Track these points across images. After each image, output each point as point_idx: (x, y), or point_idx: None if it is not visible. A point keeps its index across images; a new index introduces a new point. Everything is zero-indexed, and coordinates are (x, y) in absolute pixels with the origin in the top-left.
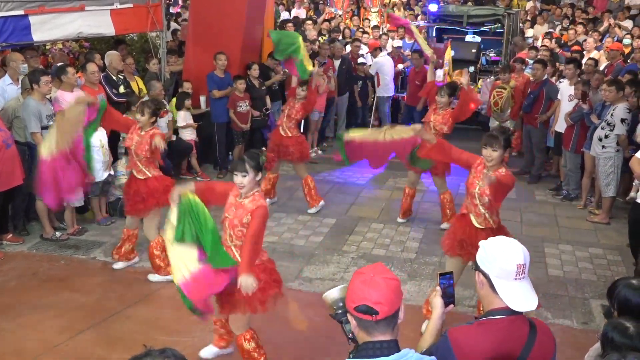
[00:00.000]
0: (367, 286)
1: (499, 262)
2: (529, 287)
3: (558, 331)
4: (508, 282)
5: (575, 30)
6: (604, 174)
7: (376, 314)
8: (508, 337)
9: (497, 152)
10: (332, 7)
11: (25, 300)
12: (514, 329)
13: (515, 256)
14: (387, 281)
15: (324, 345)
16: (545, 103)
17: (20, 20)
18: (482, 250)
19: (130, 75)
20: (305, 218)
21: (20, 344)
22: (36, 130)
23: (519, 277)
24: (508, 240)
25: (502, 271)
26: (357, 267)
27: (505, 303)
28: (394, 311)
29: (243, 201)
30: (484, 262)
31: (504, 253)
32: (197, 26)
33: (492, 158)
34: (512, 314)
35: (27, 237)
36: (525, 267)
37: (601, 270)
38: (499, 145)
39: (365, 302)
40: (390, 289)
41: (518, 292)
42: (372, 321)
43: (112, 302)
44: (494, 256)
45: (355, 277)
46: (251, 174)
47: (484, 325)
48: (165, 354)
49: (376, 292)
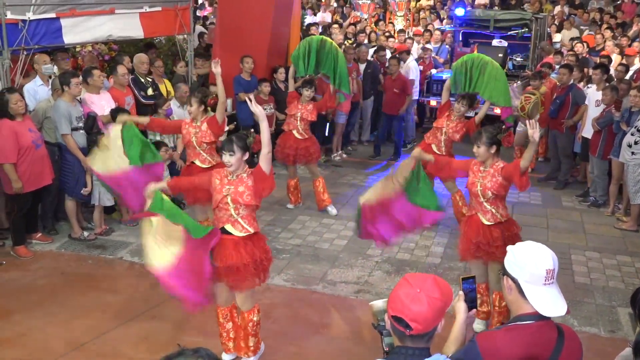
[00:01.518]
0: (409, 300)
1: (529, 267)
2: (558, 292)
3: (584, 339)
4: (537, 287)
5: (603, 35)
6: (633, 181)
7: (410, 329)
8: (537, 342)
9: (480, 148)
10: (357, 11)
11: (53, 299)
12: (542, 334)
13: (545, 261)
14: (431, 300)
15: (347, 348)
16: (571, 108)
17: (52, 23)
18: (510, 255)
19: (158, 78)
20: (330, 221)
21: (48, 342)
22: (66, 132)
23: (548, 282)
24: (537, 245)
25: (532, 276)
26: (381, 271)
27: (535, 308)
28: (430, 329)
29: (242, 175)
30: (512, 267)
31: (534, 258)
32: (224, 29)
33: (478, 154)
34: (540, 319)
35: (56, 237)
36: (555, 272)
37: (629, 278)
38: (482, 141)
39: (402, 316)
40: (431, 309)
41: (547, 298)
42: (405, 333)
43: (138, 302)
44: (524, 261)
45: (402, 283)
46: (238, 153)
47: (512, 331)
48: (199, 354)
49: (416, 309)
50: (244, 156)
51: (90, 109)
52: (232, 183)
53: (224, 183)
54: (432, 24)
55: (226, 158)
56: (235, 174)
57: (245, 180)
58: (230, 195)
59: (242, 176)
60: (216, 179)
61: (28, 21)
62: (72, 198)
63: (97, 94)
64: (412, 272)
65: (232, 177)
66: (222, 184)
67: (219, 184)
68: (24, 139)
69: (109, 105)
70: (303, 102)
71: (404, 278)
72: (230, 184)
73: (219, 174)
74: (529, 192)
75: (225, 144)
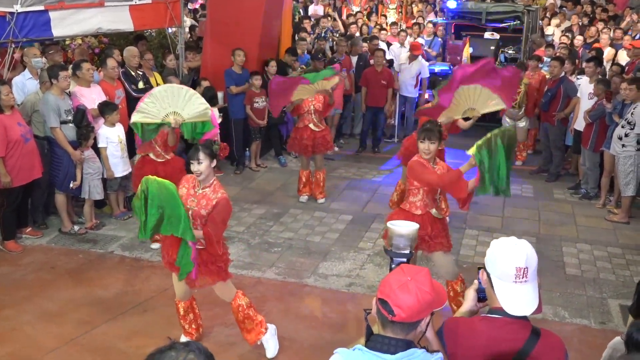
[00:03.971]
0: (397, 286)
1: (500, 263)
2: (531, 291)
3: (575, 330)
4: (507, 284)
5: (597, 28)
6: (624, 173)
7: (392, 315)
8: (502, 338)
9: (434, 144)
10: (351, 4)
11: (43, 294)
12: (510, 331)
13: (517, 259)
14: (420, 291)
15: (339, 341)
16: (562, 100)
17: (41, 16)
18: (489, 249)
19: (149, 71)
20: (322, 214)
21: (39, 336)
22: (55, 125)
23: (519, 280)
24: (514, 242)
25: (502, 273)
26: (373, 264)
27: (500, 304)
28: (413, 321)
29: (205, 191)
30: (487, 262)
31: (505, 255)
32: (214, 22)
33: (429, 150)
34: (509, 316)
35: (46, 231)
36: (528, 271)
37: (620, 270)
38: (436, 137)
39: (388, 300)
40: (418, 300)
41: (515, 296)
42: (387, 317)
43: (130, 296)
44: (496, 257)
45: (397, 271)
46: (206, 161)
47: (481, 322)
48: (189, 347)
49: (402, 297)
50: (212, 163)
51: (80, 102)
52: (197, 197)
53: (190, 194)
54: (424, 16)
55: (195, 167)
56: (203, 185)
57: (211, 198)
58: (192, 210)
59: (207, 194)
60: (184, 187)
61: (16, 14)
62: (61, 192)
63: (87, 87)
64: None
65: (198, 190)
66: (189, 194)
67: (185, 194)
68: (13, 133)
69: (100, 98)
70: (309, 95)
71: (400, 266)
72: (196, 197)
73: (187, 181)
74: (520, 185)
75: (193, 153)
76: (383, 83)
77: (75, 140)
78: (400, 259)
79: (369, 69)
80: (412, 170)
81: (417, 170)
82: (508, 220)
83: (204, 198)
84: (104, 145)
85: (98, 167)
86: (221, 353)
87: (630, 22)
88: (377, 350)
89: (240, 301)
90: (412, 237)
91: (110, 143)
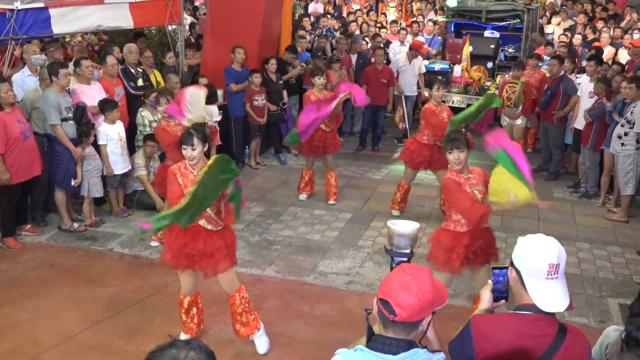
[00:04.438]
0: (398, 286)
1: (531, 260)
2: (562, 287)
3: None
4: (539, 281)
5: (596, 27)
6: (623, 172)
7: (394, 315)
8: (531, 334)
9: (463, 152)
10: (351, 2)
11: (43, 291)
12: (539, 327)
13: (549, 255)
14: (421, 290)
15: (339, 339)
16: (562, 99)
17: (41, 13)
18: (517, 246)
19: (148, 69)
20: (321, 212)
21: (38, 334)
22: (56, 122)
23: (551, 277)
24: (544, 239)
25: (534, 270)
26: (372, 262)
27: (533, 301)
28: (414, 320)
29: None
30: (517, 259)
31: (537, 251)
32: (214, 20)
33: (459, 160)
34: (539, 312)
35: (45, 228)
36: (559, 267)
37: (619, 269)
38: (464, 145)
39: (389, 300)
40: (419, 299)
41: (548, 292)
42: (388, 318)
43: (129, 293)
44: (527, 254)
45: (397, 270)
46: (199, 146)
47: (509, 318)
48: (190, 345)
49: (403, 296)
50: (204, 147)
51: (80, 99)
52: None
53: (191, 179)
54: (424, 15)
55: (189, 152)
56: (199, 167)
57: None
58: None
59: None
60: (179, 177)
61: (16, 11)
62: (61, 189)
63: (87, 85)
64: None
65: (198, 172)
66: (189, 180)
67: (188, 181)
68: (13, 130)
69: (100, 95)
70: (319, 93)
71: (400, 266)
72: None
73: (178, 170)
74: None
75: (186, 138)
76: (383, 81)
77: (76, 137)
78: (401, 258)
79: (369, 67)
80: (446, 189)
81: (452, 190)
82: (507, 218)
83: None
84: (104, 142)
85: (98, 164)
86: (221, 351)
87: (631, 21)
88: (378, 351)
89: (243, 294)
90: (412, 236)
91: (110, 140)
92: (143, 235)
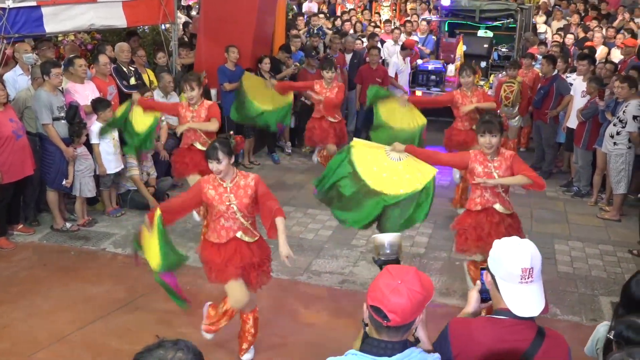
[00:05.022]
0: (389, 291)
1: (505, 264)
2: (537, 291)
3: (567, 328)
4: (513, 285)
5: (588, 26)
6: (615, 171)
7: (387, 320)
8: (508, 338)
9: (496, 137)
10: (345, 1)
11: (35, 291)
12: (516, 332)
13: (522, 259)
14: (411, 293)
15: (332, 338)
16: (555, 98)
17: (33, 12)
18: (492, 250)
19: (141, 67)
20: (315, 212)
21: (31, 333)
22: (48, 122)
23: (525, 281)
24: (518, 242)
25: (507, 274)
26: (366, 261)
27: (507, 306)
28: (407, 322)
29: (235, 182)
30: (491, 263)
31: (510, 255)
32: (208, 19)
33: (491, 144)
34: (515, 317)
35: (37, 228)
36: (534, 271)
37: (611, 267)
38: (497, 129)
39: (380, 306)
40: (411, 302)
41: (521, 297)
42: (382, 324)
43: (122, 293)
44: (500, 258)
45: (383, 273)
46: (225, 160)
47: (487, 322)
48: (178, 346)
49: (395, 301)
50: (230, 160)
51: (73, 98)
52: (231, 191)
53: (221, 192)
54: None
55: (215, 167)
56: (229, 178)
57: (245, 185)
58: (234, 204)
59: (238, 183)
60: (210, 190)
61: (8, 9)
62: (53, 189)
63: (81, 84)
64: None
65: (228, 185)
66: (219, 193)
67: (215, 194)
68: (5, 129)
69: (93, 94)
70: (327, 85)
71: (386, 268)
72: (230, 192)
73: (208, 183)
74: None
75: (211, 152)
76: (378, 81)
77: (68, 137)
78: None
79: (363, 67)
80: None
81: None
82: None
83: (239, 188)
84: (97, 141)
85: (90, 164)
86: (210, 353)
87: (623, 20)
88: (372, 354)
89: (257, 314)
90: (394, 243)
91: (103, 139)
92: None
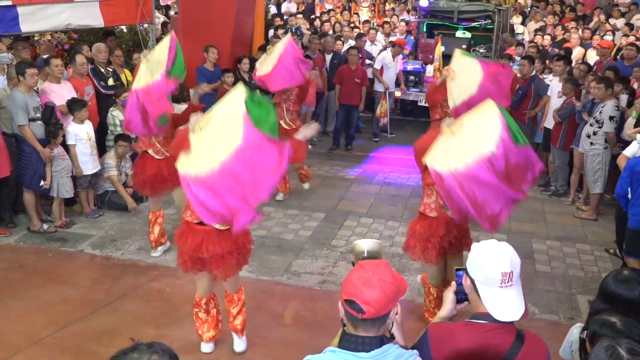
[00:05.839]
0: (361, 283)
1: (484, 269)
2: (517, 295)
3: (545, 326)
4: (493, 289)
5: (566, 28)
6: (592, 171)
7: (362, 313)
8: (488, 342)
9: None
10: (323, 2)
11: (11, 293)
12: (495, 336)
13: (502, 264)
14: (384, 284)
15: (312, 339)
16: (533, 99)
17: (8, 11)
18: (471, 253)
19: (119, 68)
20: (295, 212)
21: (6, 336)
22: (23, 123)
23: (505, 285)
24: (497, 246)
25: (487, 278)
26: (345, 261)
27: (487, 310)
28: (382, 314)
29: None
30: (470, 267)
31: (490, 260)
32: (186, 19)
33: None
34: (495, 321)
35: (14, 230)
36: (513, 275)
37: (588, 266)
38: None
39: (354, 299)
40: (384, 292)
41: (502, 301)
42: (357, 317)
43: (99, 295)
44: (480, 262)
45: (355, 269)
46: None
47: (466, 327)
48: (153, 348)
49: (368, 293)
50: None
51: (49, 98)
52: None
53: None
54: (397, 15)
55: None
56: None
57: None
58: None
59: None
60: None
61: None
62: (30, 190)
63: (57, 84)
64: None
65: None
66: None
67: None
68: None
69: (70, 94)
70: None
71: (358, 264)
72: None
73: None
74: None
75: None
76: (357, 81)
77: (44, 137)
78: None
79: (343, 67)
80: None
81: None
82: None
83: None
84: (73, 142)
85: (67, 164)
86: (190, 352)
87: (598, 22)
88: (351, 350)
89: (242, 295)
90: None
91: (80, 140)
92: (115, 236)
